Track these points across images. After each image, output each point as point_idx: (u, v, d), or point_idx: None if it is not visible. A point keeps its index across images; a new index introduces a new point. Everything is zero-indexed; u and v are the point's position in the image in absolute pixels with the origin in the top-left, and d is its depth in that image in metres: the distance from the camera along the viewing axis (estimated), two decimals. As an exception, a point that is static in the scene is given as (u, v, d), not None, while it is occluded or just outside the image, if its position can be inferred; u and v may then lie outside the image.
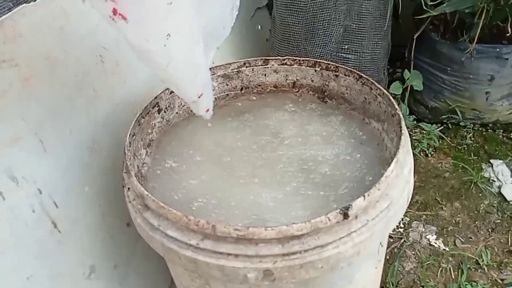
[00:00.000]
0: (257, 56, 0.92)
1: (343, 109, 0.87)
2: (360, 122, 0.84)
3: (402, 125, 0.68)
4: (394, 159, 0.61)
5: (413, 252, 1.18)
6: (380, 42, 1.33)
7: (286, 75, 0.92)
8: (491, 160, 1.42)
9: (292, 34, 1.30)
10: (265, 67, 0.92)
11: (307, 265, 0.56)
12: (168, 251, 0.60)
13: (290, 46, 1.32)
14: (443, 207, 1.29)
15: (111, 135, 0.84)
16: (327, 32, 1.27)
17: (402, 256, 1.17)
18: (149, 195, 0.60)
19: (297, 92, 0.93)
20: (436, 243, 1.20)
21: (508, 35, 1.31)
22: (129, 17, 0.48)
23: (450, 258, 1.16)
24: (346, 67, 0.85)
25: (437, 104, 1.53)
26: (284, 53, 1.33)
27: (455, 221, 1.25)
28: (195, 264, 0.58)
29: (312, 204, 0.68)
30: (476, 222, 1.24)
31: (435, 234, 1.22)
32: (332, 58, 1.30)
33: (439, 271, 1.13)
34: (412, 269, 1.14)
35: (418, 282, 1.11)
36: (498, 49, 1.36)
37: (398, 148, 0.64)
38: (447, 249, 1.18)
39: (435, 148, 1.49)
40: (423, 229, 1.23)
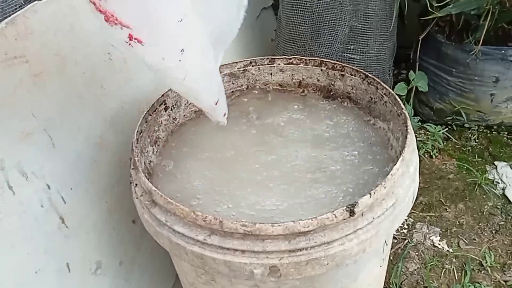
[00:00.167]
0: (263, 56, 0.92)
1: (349, 109, 0.88)
2: (366, 122, 0.84)
3: (408, 124, 0.68)
4: (400, 157, 0.62)
5: (417, 253, 1.18)
6: (385, 43, 1.34)
7: (292, 74, 0.93)
8: (496, 162, 1.42)
9: (298, 34, 1.31)
10: (271, 66, 0.93)
11: (313, 262, 0.56)
12: (175, 247, 0.60)
13: (296, 46, 1.33)
14: (447, 208, 1.30)
15: (118, 132, 0.84)
16: (332, 32, 1.28)
17: (405, 257, 1.17)
18: (157, 190, 0.60)
19: (303, 91, 0.93)
20: (439, 244, 1.20)
21: (513, 37, 1.31)
22: (144, 39, 0.49)
23: (454, 259, 1.16)
24: (352, 67, 0.85)
25: (442, 105, 1.53)
26: (289, 53, 1.34)
27: (459, 222, 1.25)
28: (202, 260, 0.58)
29: (317, 203, 0.68)
30: (480, 224, 1.24)
31: (439, 235, 1.22)
32: (337, 58, 1.31)
33: (442, 272, 1.13)
34: (415, 270, 1.15)
35: (421, 283, 1.12)
36: (503, 51, 1.36)
37: (404, 146, 0.64)
38: (450, 250, 1.18)
39: (439, 150, 1.49)
40: (427, 230, 1.24)
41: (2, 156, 0.62)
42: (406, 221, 1.27)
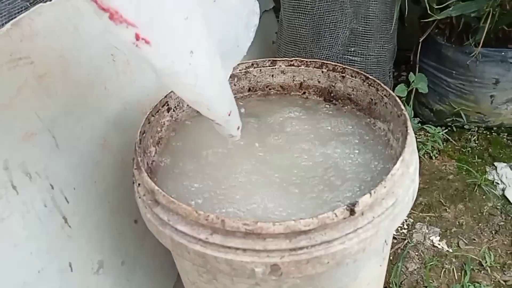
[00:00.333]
0: (264, 58, 0.93)
1: (349, 110, 0.88)
2: (366, 123, 0.85)
3: (408, 125, 0.69)
4: (400, 157, 0.62)
5: (417, 253, 1.19)
6: (386, 45, 1.34)
7: (293, 76, 0.93)
8: (495, 163, 1.43)
9: (299, 37, 1.31)
10: (272, 68, 0.93)
11: (314, 261, 0.57)
12: (177, 246, 0.61)
13: (297, 48, 1.34)
14: (447, 209, 1.30)
15: (121, 133, 0.85)
16: (333, 35, 1.28)
17: (405, 257, 1.18)
18: (160, 190, 0.61)
19: (304, 93, 0.94)
20: (439, 244, 1.21)
21: (513, 39, 1.32)
22: (152, 39, 0.47)
23: (454, 259, 1.17)
24: (352, 69, 0.86)
25: (442, 107, 1.54)
26: (290, 55, 1.34)
27: (458, 223, 1.26)
28: (203, 259, 0.59)
29: (319, 202, 0.69)
30: (480, 224, 1.25)
31: (439, 236, 1.23)
32: (338, 60, 1.31)
33: (442, 272, 1.14)
34: (415, 269, 1.15)
35: (421, 282, 1.12)
36: (503, 53, 1.37)
37: (404, 147, 0.65)
38: (450, 250, 1.19)
39: (439, 151, 1.50)
40: (427, 231, 1.24)
41: (6, 156, 0.62)
42: (406, 221, 1.27)
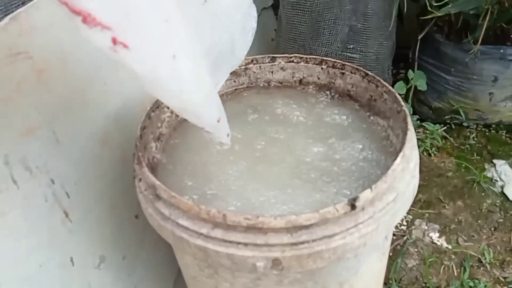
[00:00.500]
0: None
1: (349, 106, 0.88)
2: (366, 119, 0.85)
3: (408, 120, 0.69)
4: (401, 153, 0.63)
5: (416, 250, 1.19)
6: (385, 42, 1.35)
7: (293, 73, 0.93)
8: (494, 160, 1.43)
9: (298, 34, 1.32)
10: (272, 65, 0.93)
11: (315, 255, 0.57)
12: (178, 240, 0.61)
13: (296, 45, 1.34)
14: (446, 205, 1.31)
15: (122, 129, 0.85)
16: (332, 32, 1.29)
17: (405, 253, 1.18)
18: (161, 185, 0.61)
19: (304, 89, 0.94)
20: (438, 241, 1.21)
21: (512, 37, 1.32)
22: (130, 43, 0.43)
23: (453, 256, 1.17)
24: (352, 65, 0.86)
25: (441, 104, 1.55)
26: (290, 52, 1.34)
27: (457, 219, 1.27)
28: (205, 253, 0.59)
29: (320, 197, 0.69)
30: (479, 221, 1.26)
31: (438, 232, 1.23)
32: (337, 57, 1.32)
33: (441, 269, 1.15)
34: (414, 266, 1.16)
35: (420, 279, 1.13)
36: (502, 51, 1.38)
37: (404, 142, 0.65)
38: (449, 247, 1.19)
39: (438, 148, 1.50)
40: (426, 227, 1.25)
41: (6, 151, 0.62)
42: (405, 218, 1.28)
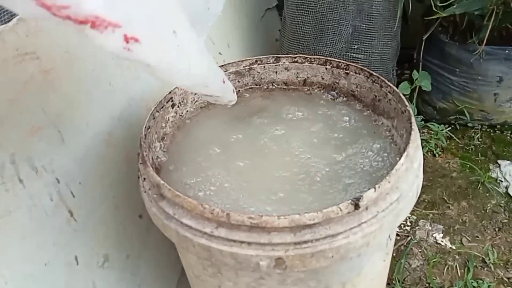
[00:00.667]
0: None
1: (353, 107, 0.89)
2: (370, 120, 0.85)
3: (412, 120, 0.69)
4: (405, 153, 0.63)
5: (420, 250, 1.19)
6: (389, 42, 1.34)
7: (297, 73, 0.94)
8: (499, 161, 1.43)
9: (302, 34, 1.32)
10: (276, 65, 0.94)
11: (318, 254, 0.57)
12: (182, 239, 0.61)
13: (300, 46, 1.34)
14: (450, 206, 1.30)
15: (126, 129, 0.86)
16: (336, 32, 1.29)
17: (408, 254, 1.18)
18: (165, 184, 0.61)
19: (308, 89, 0.94)
20: (442, 241, 1.21)
21: (517, 37, 1.32)
22: (139, 35, 0.41)
23: (457, 256, 1.17)
24: (356, 65, 0.86)
25: (445, 105, 1.54)
26: (294, 53, 1.34)
27: (462, 220, 1.26)
28: (208, 252, 0.59)
29: (323, 197, 0.69)
30: (483, 222, 1.25)
31: (442, 233, 1.23)
32: (341, 57, 1.32)
33: (445, 269, 1.14)
34: (418, 266, 1.15)
35: (424, 279, 1.12)
36: (507, 51, 1.37)
37: (408, 142, 0.65)
38: (453, 247, 1.19)
39: (442, 148, 1.50)
40: (430, 228, 1.24)
41: (13, 150, 0.63)
42: (409, 218, 1.28)
